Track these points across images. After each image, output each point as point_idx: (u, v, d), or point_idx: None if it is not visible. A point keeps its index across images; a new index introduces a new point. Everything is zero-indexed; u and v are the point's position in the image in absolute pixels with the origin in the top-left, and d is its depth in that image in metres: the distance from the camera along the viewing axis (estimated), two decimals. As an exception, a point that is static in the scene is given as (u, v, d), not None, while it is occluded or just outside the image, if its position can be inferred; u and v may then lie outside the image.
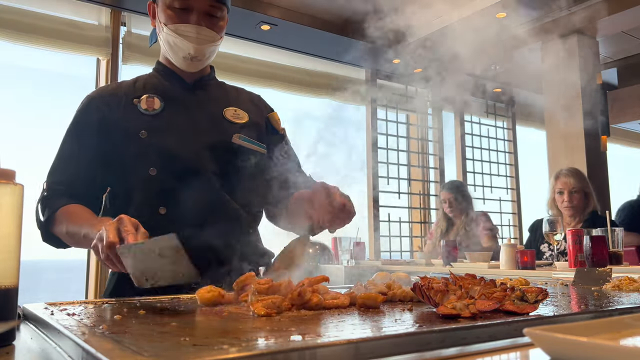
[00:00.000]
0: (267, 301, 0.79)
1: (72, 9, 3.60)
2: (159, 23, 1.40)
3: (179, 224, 1.23)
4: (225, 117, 1.44)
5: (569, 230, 2.19)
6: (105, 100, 1.41)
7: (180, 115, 1.40)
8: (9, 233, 0.65)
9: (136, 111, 1.38)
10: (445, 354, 0.57)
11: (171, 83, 1.45)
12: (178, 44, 1.37)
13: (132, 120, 1.36)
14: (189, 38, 1.35)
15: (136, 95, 1.41)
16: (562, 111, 4.53)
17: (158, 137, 1.35)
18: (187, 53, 1.38)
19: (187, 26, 1.35)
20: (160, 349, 0.53)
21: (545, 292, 0.81)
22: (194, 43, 1.36)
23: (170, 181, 1.32)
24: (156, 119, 1.37)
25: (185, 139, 1.36)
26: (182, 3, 1.34)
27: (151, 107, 1.38)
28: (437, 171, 5.43)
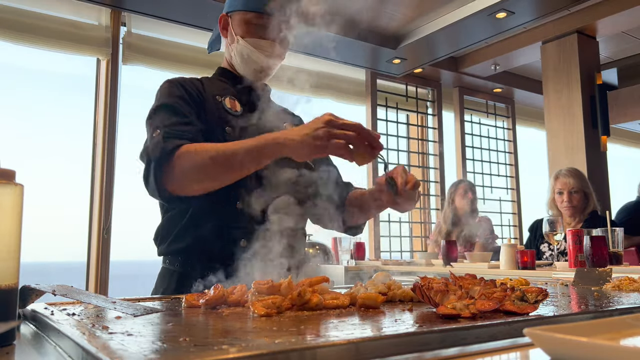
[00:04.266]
0: (267, 301, 0.79)
1: (72, 9, 3.60)
2: (233, 35, 1.49)
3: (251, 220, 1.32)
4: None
5: (569, 230, 2.19)
6: (196, 86, 1.45)
7: (257, 121, 1.46)
8: (9, 233, 0.65)
9: (220, 107, 1.43)
10: (445, 354, 0.57)
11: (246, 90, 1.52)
12: (251, 56, 1.47)
13: (218, 115, 1.42)
14: (264, 52, 1.46)
15: (217, 92, 1.47)
16: (562, 111, 4.53)
17: (240, 137, 1.38)
18: (260, 66, 1.48)
19: (264, 41, 1.45)
20: (160, 349, 0.53)
21: (545, 292, 0.81)
22: (265, 56, 1.46)
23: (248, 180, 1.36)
24: (239, 120, 1.44)
25: None
26: (261, 21, 1.43)
27: (234, 107, 1.46)
28: (437, 171, 5.43)
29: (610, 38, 4.78)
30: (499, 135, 5.91)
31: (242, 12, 1.45)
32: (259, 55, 1.46)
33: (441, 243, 2.98)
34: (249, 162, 1.21)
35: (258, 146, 1.18)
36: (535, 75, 5.51)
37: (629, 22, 4.29)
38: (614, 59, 5.35)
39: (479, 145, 5.70)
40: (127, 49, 3.77)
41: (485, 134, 5.79)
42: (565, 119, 4.49)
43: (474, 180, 5.42)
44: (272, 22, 1.43)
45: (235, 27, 1.48)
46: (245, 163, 1.21)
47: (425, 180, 5.40)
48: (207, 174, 1.24)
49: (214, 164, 1.22)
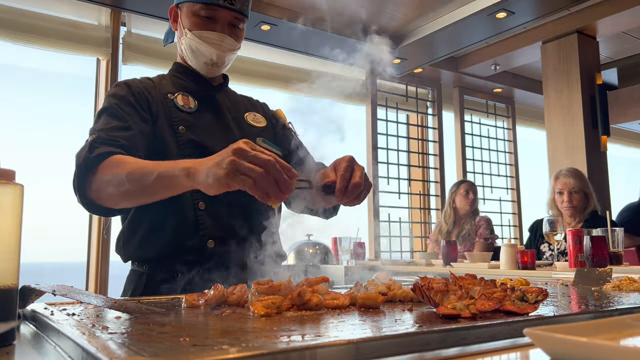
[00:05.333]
0: (267, 301, 0.79)
1: (72, 9, 3.60)
2: (182, 28, 1.45)
3: (216, 218, 1.31)
4: (247, 121, 1.51)
5: (569, 230, 2.19)
6: (145, 86, 1.42)
7: (212, 116, 1.45)
8: (9, 233, 0.65)
9: (172, 106, 1.40)
10: (446, 354, 0.56)
11: (199, 84, 1.49)
12: (201, 49, 1.42)
13: (170, 114, 1.39)
14: (213, 45, 1.41)
15: (168, 91, 1.44)
16: (562, 111, 4.53)
17: (195, 135, 1.38)
18: (209, 59, 1.44)
19: (212, 33, 1.40)
20: (160, 349, 0.53)
21: (545, 293, 0.81)
22: (217, 50, 1.42)
23: None
24: (193, 116, 1.41)
25: (218, 138, 1.40)
26: (209, 12, 1.39)
27: (187, 105, 1.43)
28: (437, 171, 5.43)
29: (610, 38, 4.78)
30: (499, 135, 5.91)
31: (190, 4, 1.41)
32: (207, 48, 1.41)
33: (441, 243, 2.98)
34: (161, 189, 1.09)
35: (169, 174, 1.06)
36: (535, 75, 5.51)
37: (629, 22, 4.29)
38: (614, 59, 5.34)
39: (479, 145, 5.70)
40: (127, 49, 3.77)
41: (485, 134, 5.79)
42: (565, 119, 4.49)
43: (474, 180, 5.41)
44: (220, 14, 1.40)
45: (184, 19, 1.44)
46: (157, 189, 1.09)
47: (425, 180, 5.40)
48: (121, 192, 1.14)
49: (128, 182, 1.12)
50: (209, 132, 1.40)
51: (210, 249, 1.31)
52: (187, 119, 1.39)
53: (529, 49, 4.74)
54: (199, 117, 1.42)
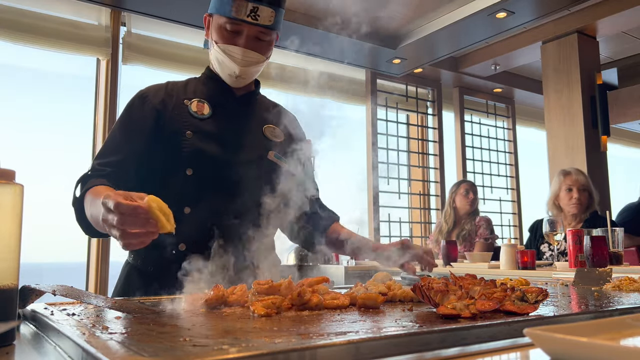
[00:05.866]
0: (267, 301, 0.79)
1: (72, 9, 3.60)
2: (211, 39, 1.47)
3: (200, 224, 1.32)
4: (264, 134, 1.51)
5: (569, 230, 2.19)
6: (159, 96, 1.46)
7: (226, 124, 1.46)
8: (9, 233, 0.65)
9: (186, 112, 1.43)
10: (446, 354, 0.56)
11: (222, 92, 1.51)
12: (225, 62, 1.44)
13: (181, 120, 1.42)
14: (235, 59, 1.42)
15: (187, 97, 1.47)
16: (562, 111, 4.53)
17: (201, 140, 1.40)
18: (233, 72, 1.45)
19: (235, 48, 1.41)
20: (160, 349, 0.53)
21: (545, 293, 0.81)
22: (239, 64, 1.43)
23: (202, 184, 1.36)
24: (203, 123, 1.43)
25: (225, 147, 1.42)
26: (234, 27, 1.40)
27: (201, 111, 1.44)
28: (437, 171, 5.43)
29: (610, 38, 4.78)
30: (499, 135, 5.91)
31: (217, 16, 1.42)
32: (230, 62, 1.43)
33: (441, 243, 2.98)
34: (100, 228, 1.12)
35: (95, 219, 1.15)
36: (535, 75, 5.51)
37: (629, 22, 4.29)
38: (614, 59, 5.35)
39: (479, 145, 5.70)
40: (127, 49, 3.77)
41: (485, 134, 5.79)
42: (565, 119, 4.49)
43: (474, 180, 5.42)
44: (244, 29, 1.39)
45: (212, 30, 1.45)
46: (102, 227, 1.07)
47: (425, 180, 5.40)
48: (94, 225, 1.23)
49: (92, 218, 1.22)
50: (216, 140, 1.42)
51: (182, 252, 1.34)
52: (197, 125, 1.42)
53: (529, 49, 4.74)
54: (211, 124, 1.44)
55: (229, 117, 1.48)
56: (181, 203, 1.36)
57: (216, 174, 1.39)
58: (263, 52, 1.45)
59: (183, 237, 1.34)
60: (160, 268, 1.35)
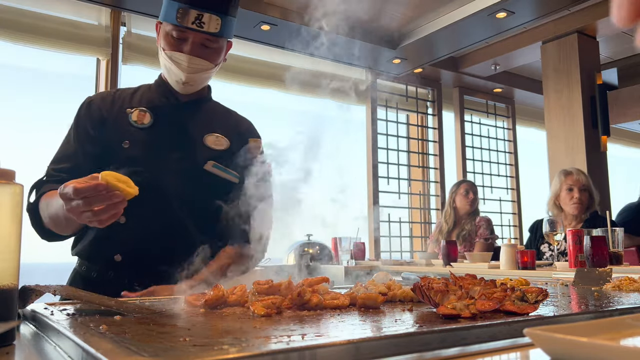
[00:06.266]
0: (267, 301, 0.79)
1: (72, 9, 3.60)
2: (160, 46, 1.47)
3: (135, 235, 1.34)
4: (204, 143, 1.48)
5: (569, 230, 2.19)
6: (105, 104, 1.48)
7: (165, 134, 1.46)
8: (9, 233, 0.65)
9: (126, 121, 1.44)
10: (446, 354, 0.56)
11: (167, 100, 1.51)
12: (172, 69, 1.44)
13: (120, 129, 1.43)
14: (181, 66, 1.41)
15: (131, 105, 1.48)
16: (562, 111, 4.53)
17: (138, 151, 1.41)
18: (179, 78, 1.44)
19: (181, 55, 1.40)
20: (160, 349, 0.53)
21: (545, 293, 0.81)
22: (185, 72, 1.42)
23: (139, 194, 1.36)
24: (142, 132, 1.44)
25: (161, 157, 1.43)
26: (179, 34, 1.39)
27: (141, 120, 1.45)
28: (437, 171, 5.43)
29: (610, 38, 4.78)
30: (499, 135, 5.91)
31: (165, 23, 1.41)
32: (175, 69, 1.42)
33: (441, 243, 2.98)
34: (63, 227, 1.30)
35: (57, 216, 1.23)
36: (535, 75, 5.50)
37: (629, 22, 4.29)
38: (614, 59, 5.34)
39: (479, 145, 5.70)
40: (127, 49, 3.76)
41: (485, 134, 5.79)
42: (565, 119, 4.49)
43: (474, 180, 5.42)
44: (190, 36, 1.38)
45: (160, 37, 1.45)
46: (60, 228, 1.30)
47: (425, 180, 5.40)
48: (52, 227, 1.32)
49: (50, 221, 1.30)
50: (153, 151, 1.42)
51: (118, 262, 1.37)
52: (136, 135, 1.42)
53: (529, 49, 4.73)
54: (149, 134, 1.44)
55: (170, 126, 1.47)
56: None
57: (151, 184, 1.38)
58: (211, 59, 1.44)
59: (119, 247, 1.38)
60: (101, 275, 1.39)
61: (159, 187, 1.39)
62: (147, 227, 1.37)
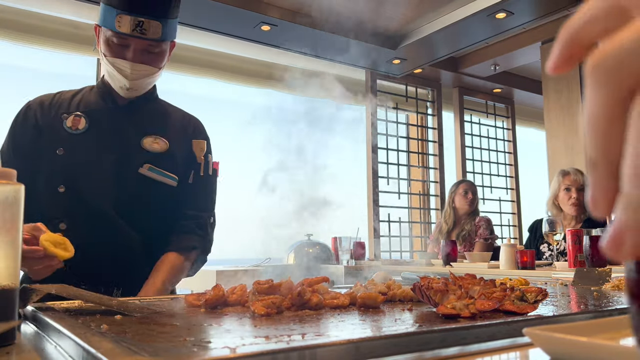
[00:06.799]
0: (267, 301, 0.79)
1: (72, 9, 3.60)
2: (100, 51, 1.44)
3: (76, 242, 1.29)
4: (142, 146, 1.46)
5: (569, 230, 2.19)
6: (42, 110, 1.46)
7: (100, 138, 1.44)
8: (9, 233, 0.65)
9: (61, 127, 1.42)
10: (445, 353, 0.57)
11: (105, 103, 1.49)
12: (115, 75, 1.42)
13: (54, 135, 1.41)
14: (124, 73, 1.39)
15: (68, 110, 1.45)
16: (562, 111, 4.53)
17: (73, 157, 1.39)
18: (123, 85, 1.43)
19: (123, 62, 1.38)
20: (160, 349, 0.53)
21: (544, 292, 0.81)
22: (128, 78, 1.40)
23: (75, 201, 1.36)
24: (77, 138, 1.42)
25: (97, 162, 1.41)
26: (121, 41, 1.37)
27: (76, 126, 1.43)
28: (437, 171, 5.43)
29: (610, 38, 4.78)
30: (498, 135, 5.91)
31: (104, 29, 1.38)
32: (118, 75, 1.40)
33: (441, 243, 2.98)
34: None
35: None
36: (535, 76, 5.51)
37: (628, 22, 4.29)
38: (613, 59, 5.34)
39: (479, 145, 5.70)
40: (127, 49, 3.76)
41: (485, 134, 5.79)
42: (565, 119, 4.49)
43: (474, 180, 5.43)
44: (132, 43, 1.36)
45: (101, 42, 1.42)
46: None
47: (425, 180, 5.40)
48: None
49: None
50: (89, 157, 1.41)
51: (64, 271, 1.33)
52: (70, 141, 1.40)
53: (529, 49, 4.73)
54: (84, 140, 1.42)
55: (105, 131, 1.45)
56: (56, 219, 1.37)
57: (87, 191, 1.38)
58: (154, 63, 1.42)
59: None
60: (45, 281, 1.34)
61: (95, 193, 1.38)
62: (87, 234, 1.35)
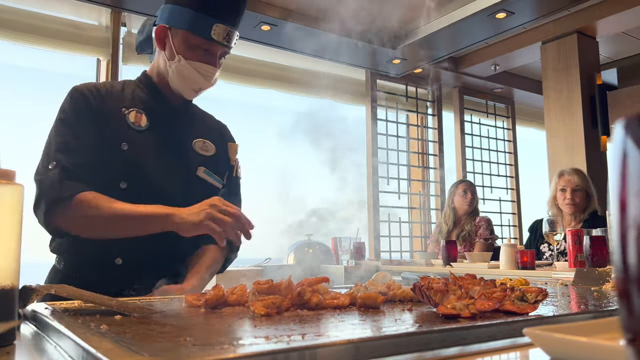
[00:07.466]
0: (267, 301, 0.79)
1: (73, 9, 3.60)
2: (173, 51, 1.44)
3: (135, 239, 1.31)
4: (193, 149, 1.51)
5: (569, 230, 2.19)
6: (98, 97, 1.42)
7: (160, 138, 1.45)
8: (9, 233, 0.65)
9: (123, 121, 1.41)
10: (445, 354, 0.57)
11: (158, 102, 1.50)
12: (193, 77, 1.45)
13: (118, 129, 1.40)
14: (206, 77, 1.46)
15: (124, 104, 1.44)
16: (562, 111, 4.53)
17: (137, 154, 1.39)
18: (198, 87, 1.48)
19: (207, 66, 1.45)
20: (160, 349, 0.53)
21: (545, 292, 0.81)
22: (207, 81, 1.47)
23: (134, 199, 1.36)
24: (140, 135, 1.42)
25: (159, 162, 1.42)
26: (207, 46, 1.43)
27: (138, 122, 1.43)
28: (437, 171, 5.43)
29: (610, 38, 4.78)
30: (498, 135, 5.91)
31: (187, 32, 1.41)
32: (199, 78, 1.45)
33: (441, 243, 2.98)
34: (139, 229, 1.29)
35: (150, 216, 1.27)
36: (535, 76, 5.50)
37: (629, 22, 4.29)
38: (613, 59, 5.34)
39: (479, 145, 5.70)
40: (127, 49, 3.76)
41: (485, 134, 5.79)
42: (565, 119, 4.49)
43: (474, 180, 5.42)
44: (217, 50, 1.44)
45: (177, 44, 1.43)
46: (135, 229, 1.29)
47: (425, 180, 5.40)
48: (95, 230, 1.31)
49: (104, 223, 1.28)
50: (151, 155, 1.41)
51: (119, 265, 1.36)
52: (134, 137, 1.40)
53: (529, 49, 4.73)
54: (147, 137, 1.42)
55: (165, 130, 1.47)
56: None
57: (149, 190, 1.38)
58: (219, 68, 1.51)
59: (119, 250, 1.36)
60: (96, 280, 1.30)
61: (156, 192, 1.38)
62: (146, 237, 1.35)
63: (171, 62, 1.45)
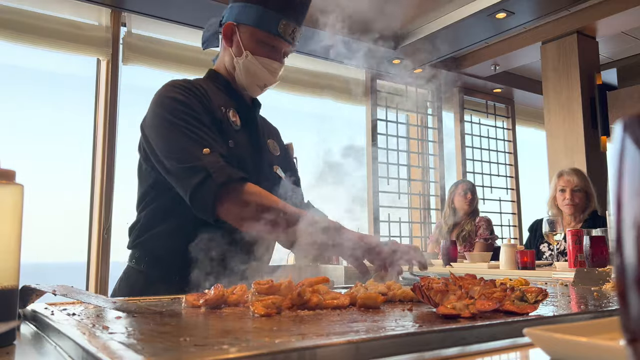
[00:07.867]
0: (267, 301, 0.79)
1: (72, 9, 3.60)
2: (241, 47, 1.46)
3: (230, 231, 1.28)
4: (268, 148, 1.55)
5: (569, 230, 2.19)
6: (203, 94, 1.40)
7: (251, 136, 1.49)
8: (9, 233, 0.65)
9: (226, 120, 1.42)
10: (445, 354, 0.57)
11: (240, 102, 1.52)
12: (260, 74, 1.47)
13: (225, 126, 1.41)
14: (273, 73, 1.48)
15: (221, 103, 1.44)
16: (562, 111, 4.53)
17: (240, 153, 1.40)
18: (264, 83, 1.50)
19: (274, 62, 1.47)
20: (160, 349, 0.53)
21: (545, 292, 0.81)
22: (273, 77, 1.49)
23: None
24: (237, 134, 1.44)
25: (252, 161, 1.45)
26: (275, 43, 1.46)
27: (236, 121, 1.45)
28: (437, 171, 5.43)
29: (610, 38, 4.78)
30: (498, 135, 5.91)
31: (254, 29, 1.44)
32: (266, 74, 1.47)
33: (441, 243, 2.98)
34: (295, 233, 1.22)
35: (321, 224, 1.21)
36: (535, 76, 5.50)
37: (629, 22, 4.29)
38: (613, 59, 5.34)
39: (479, 146, 5.70)
40: (127, 49, 3.76)
41: (485, 134, 5.79)
42: (565, 119, 4.49)
43: (474, 180, 5.42)
44: (283, 46, 1.47)
45: (245, 40, 1.45)
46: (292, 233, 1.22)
47: (425, 180, 5.40)
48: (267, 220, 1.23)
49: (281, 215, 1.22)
50: (245, 153, 1.44)
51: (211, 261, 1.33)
52: (234, 136, 1.42)
53: (529, 49, 4.73)
54: (243, 136, 1.45)
55: (252, 130, 1.51)
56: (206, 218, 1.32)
57: None
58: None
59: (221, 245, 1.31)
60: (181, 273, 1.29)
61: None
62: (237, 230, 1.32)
63: (238, 59, 1.47)
